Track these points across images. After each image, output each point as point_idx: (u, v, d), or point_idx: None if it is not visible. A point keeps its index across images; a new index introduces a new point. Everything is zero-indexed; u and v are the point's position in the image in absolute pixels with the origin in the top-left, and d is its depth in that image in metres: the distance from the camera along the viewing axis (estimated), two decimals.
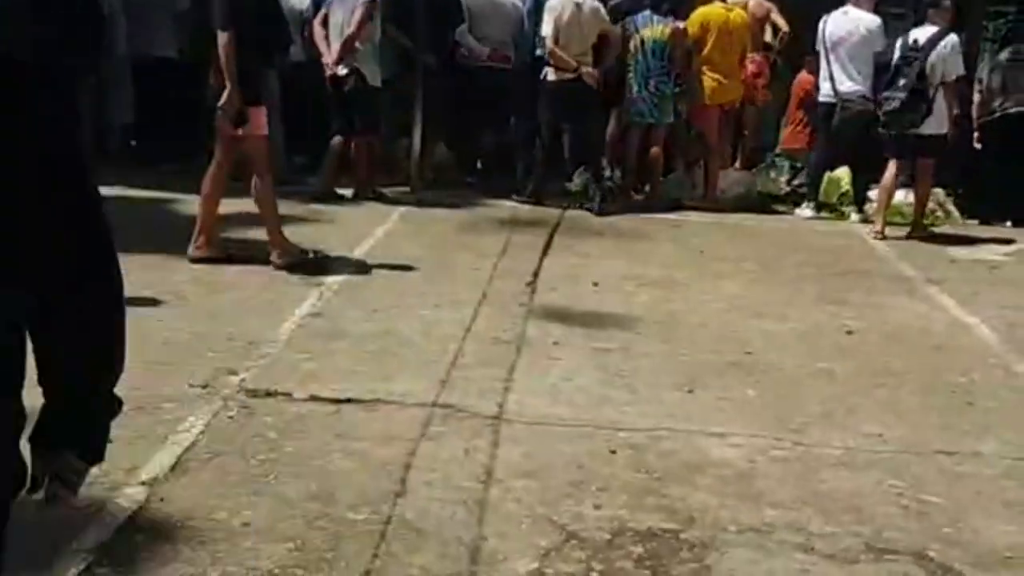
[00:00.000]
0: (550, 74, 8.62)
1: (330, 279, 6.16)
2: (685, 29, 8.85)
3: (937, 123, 7.97)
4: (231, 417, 4.12)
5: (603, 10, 8.68)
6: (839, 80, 8.64)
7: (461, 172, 9.71)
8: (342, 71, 8.12)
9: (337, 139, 8.39)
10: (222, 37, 6.05)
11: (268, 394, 4.37)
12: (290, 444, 3.91)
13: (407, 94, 8.90)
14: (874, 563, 3.28)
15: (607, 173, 9.28)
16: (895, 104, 7.95)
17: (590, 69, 8.53)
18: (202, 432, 3.96)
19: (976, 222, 8.99)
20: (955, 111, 8.03)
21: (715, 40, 8.85)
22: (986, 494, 3.81)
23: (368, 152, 8.54)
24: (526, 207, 8.57)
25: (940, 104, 7.96)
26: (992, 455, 4.15)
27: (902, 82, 7.96)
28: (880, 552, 3.34)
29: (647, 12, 8.83)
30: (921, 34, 8.05)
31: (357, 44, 8.11)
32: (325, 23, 8.28)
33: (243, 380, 4.50)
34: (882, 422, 4.44)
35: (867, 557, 3.31)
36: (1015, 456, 4.15)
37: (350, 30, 8.06)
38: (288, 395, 4.37)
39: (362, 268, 6.46)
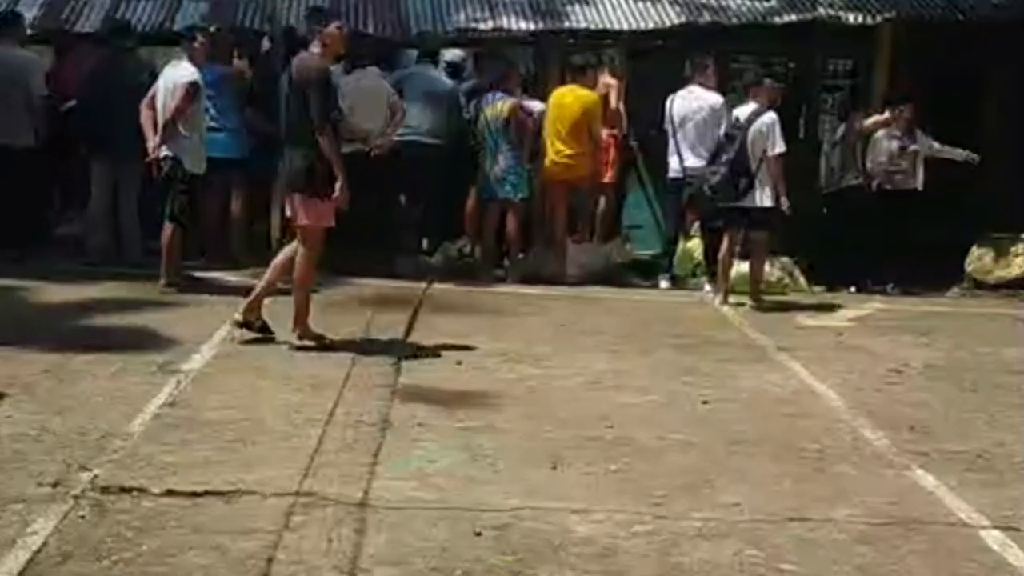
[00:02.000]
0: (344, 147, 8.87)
1: (187, 366, 6.03)
2: (522, 106, 9.07)
3: (762, 196, 8.26)
4: (83, 516, 3.98)
5: (387, 84, 9.06)
6: (685, 156, 9.01)
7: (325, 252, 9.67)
8: (162, 155, 7.87)
9: (167, 226, 8.00)
10: (326, 135, 6.28)
11: (123, 490, 4.24)
12: (146, 542, 3.79)
13: (266, 175, 8.88)
14: None
15: (466, 248, 9.40)
16: (717, 179, 8.29)
17: (378, 141, 8.72)
18: (52, 534, 3.82)
19: (822, 289, 9.37)
20: (780, 185, 8.25)
21: (549, 121, 9.11)
22: (839, 560, 3.94)
23: (175, 239, 8.04)
24: (391, 284, 8.58)
25: (765, 178, 8.26)
26: (844, 520, 4.30)
27: (724, 157, 8.30)
28: None
29: (493, 92, 9.08)
30: (743, 111, 8.41)
31: (180, 129, 7.85)
32: (153, 105, 7.99)
33: (96, 476, 4.36)
34: (738, 491, 4.56)
35: None
36: (865, 521, 4.31)
37: (168, 114, 7.84)
38: (144, 490, 4.25)
39: (221, 354, 6.35)
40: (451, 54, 10.73)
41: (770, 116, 8.32)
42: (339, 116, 6.54)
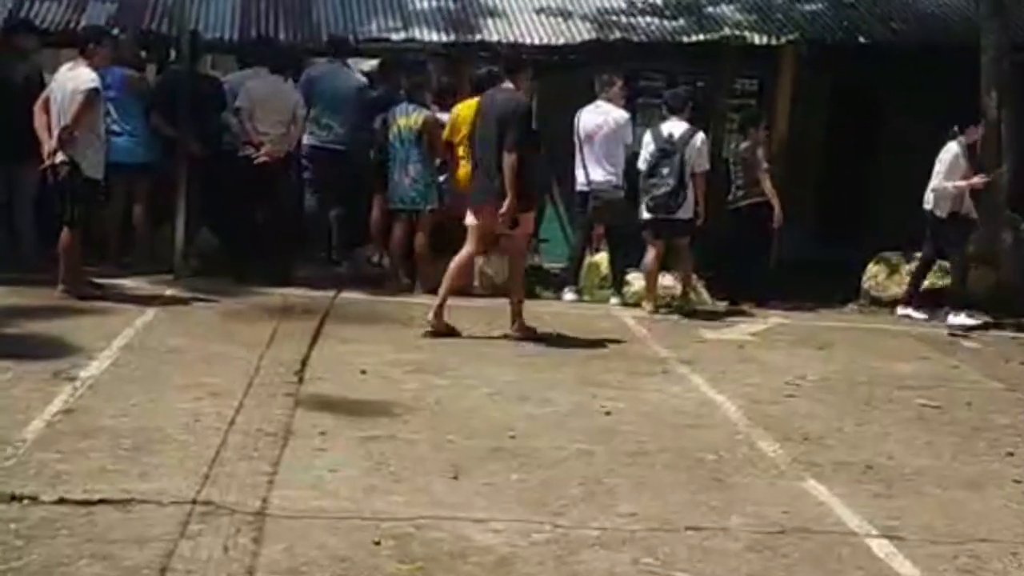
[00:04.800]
0: (246, 149, 8.98)
1: (84, 373, 5.92)
2: (436, 119, 9.07)
3: (689, 209, 8.82)
4: None
5: (297, 94, 9.17)
6: (592, 170, 9.13)
7: (228, 259, 9.57)
8: (59, 160, 7.65)
9: (65, 232, 7.82)
10: (511, 158, 7.18)
11: (13, 498, 4.15)
12: (36, 551, 3.72)
13: (171, 180, 8.77)
14: None
15: (375, 259, 9.38)
16: (664, 190, 8.72)
17: (266, 149, 8.88)
18: None
19: (725, 303, 9.53)
20: (700, 200, 8.84)
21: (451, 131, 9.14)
22: (731, 567, 4.04)
23: (73, 245, 7.87)
24: (298, 293, 8.52)
25: (691, 192, 8.79)
26: (737, 529, 4.40)
27: (666, 171, 8.73)
28: None
29: (405, 102, 9.07)
30: (675, 129, 8.82)
31: (79, 134, 7.64)
32: (47, 108, 7.75)
33: None
34: (637, 501, 4.63)
35: None
36: (758, 529, 4.41)
37: (66, 120, 7.60)
38: (35, 498, 4.16)
39: (119, 361, 6.25)
40: (368, 65, 10.72)
41: (701, 136, 8.91)
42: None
